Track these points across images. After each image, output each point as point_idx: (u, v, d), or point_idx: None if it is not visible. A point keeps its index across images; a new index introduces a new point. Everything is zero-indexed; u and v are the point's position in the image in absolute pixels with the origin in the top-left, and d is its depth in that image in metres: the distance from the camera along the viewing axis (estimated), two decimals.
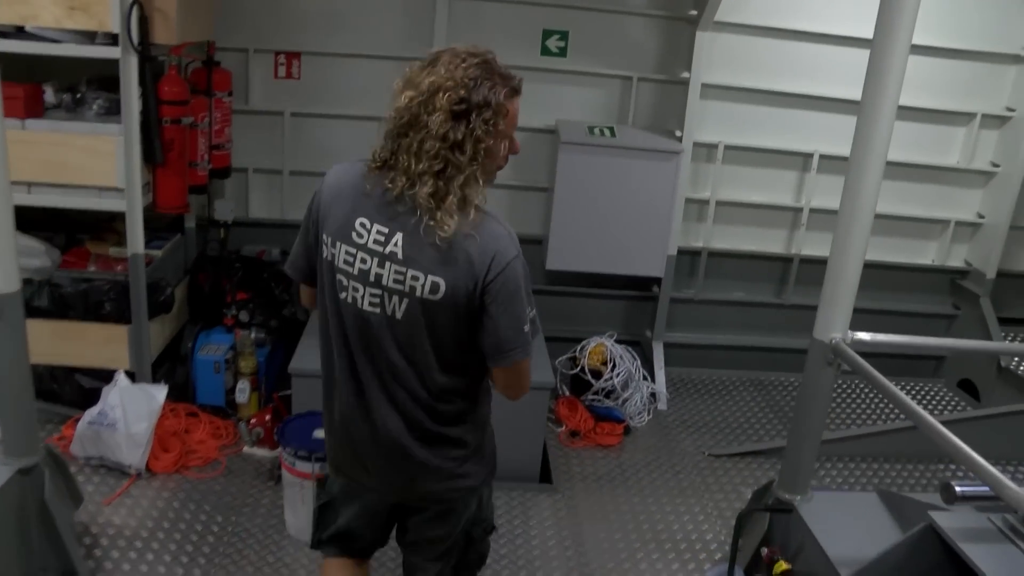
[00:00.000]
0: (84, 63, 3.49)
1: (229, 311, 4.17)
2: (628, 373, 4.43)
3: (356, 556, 2.36)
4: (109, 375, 3.73)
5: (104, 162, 3.50)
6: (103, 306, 3.80)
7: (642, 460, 4.12)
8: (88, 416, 3.59)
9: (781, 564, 2.70)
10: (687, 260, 4.98)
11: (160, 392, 3.68)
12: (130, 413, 3.56)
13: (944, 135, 4.93)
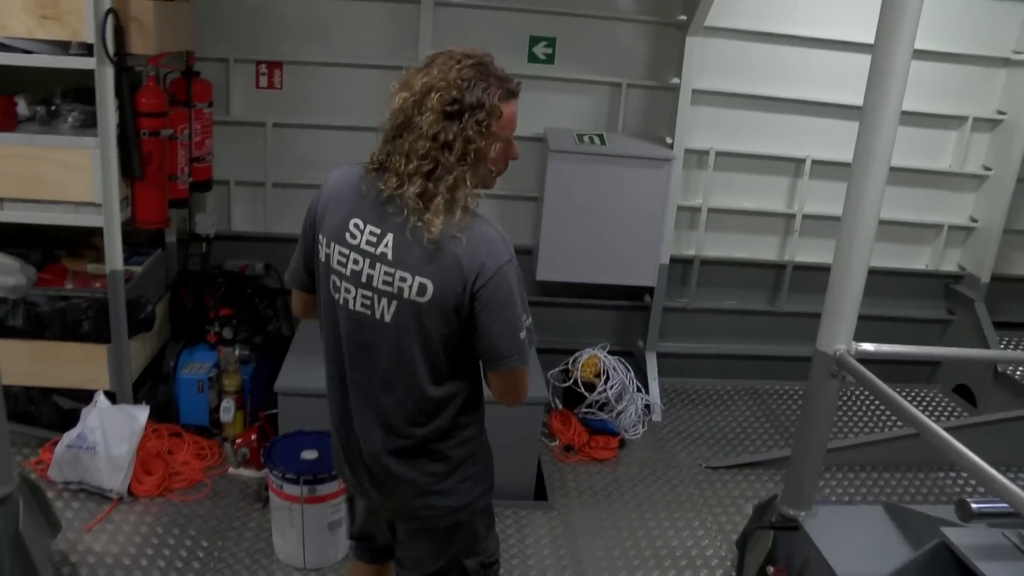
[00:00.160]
0: (58, 74, 3.38)
1: (212, 328, 4.05)
2: (622, 385, 4.34)
3: (376, 558, 2.35)
4: (88, 396, 3.61)
5: (80, 176, 3.38)
6: (81, 325, 3.67)
7: (638, 474, 4.03)
8: (66, 439, 3.47)
9: None
10: (679, 268, 4.91)
11: (142, 413, 3.56)
12: (110, 435, 3.44)
13: (936, 139, 4.89)
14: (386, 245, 1.82)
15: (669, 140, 4.54)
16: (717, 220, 4.88)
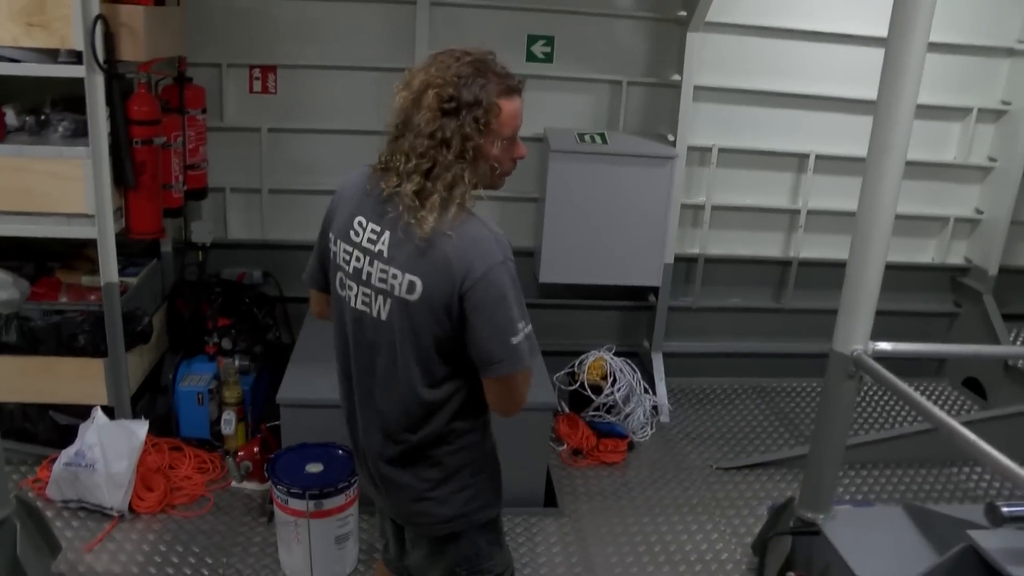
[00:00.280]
0: (47, 83, 3.31)
1: (211, 339, 3.98)
2: (629, 387, 4.27)
3: (392, 561, 2.31)
4: (86, 411, 3.53)
5: (72, 187, 3.30)
6: (77, 339, 3.60)
7: (648, 477, 3.96)
8: (64, 457, 3.40)
9: None
10: (683, 267, 4.83)
11: (141, 428, 3.48)
12: (109, 452, 3.36)
13: (940, 131, 4.83)
14: (383, 242, 1.82)
15: (671, 137, 4.48)
16: (720, 217, 4.81)
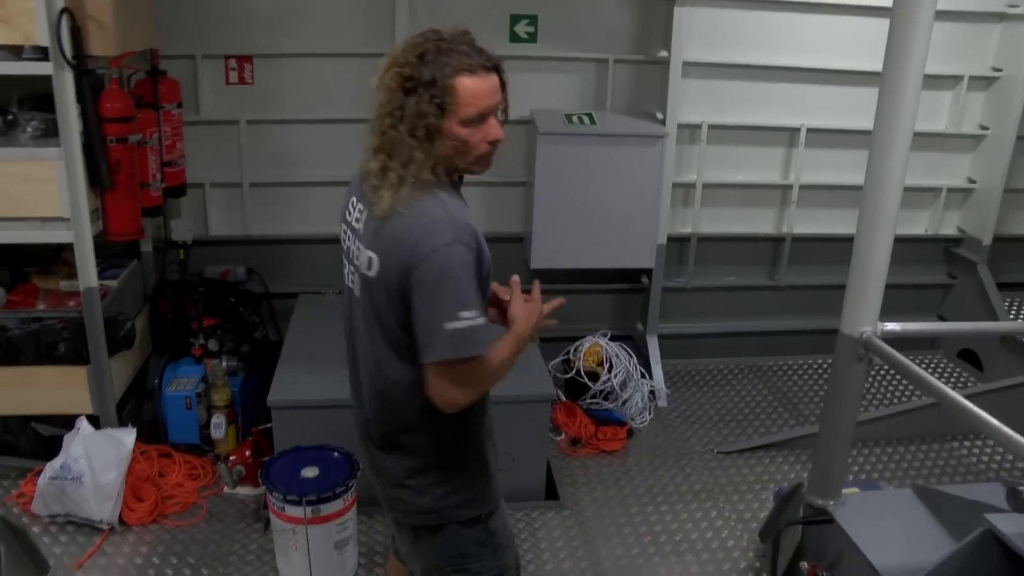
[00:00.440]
0: (13, 81, 3.15)
1: (196, 340, 3.85)
2: (626, 372, 4.20)
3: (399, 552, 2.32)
4: (70, 421, 3.41)
5: (44, 190, 3.17)
6: (57, 347, 3.47)
7: (649, 464, 3.90)
8: (49, 470, 3.28)
9: None
10: (675, 247, 4.76)
11: (128, 437, 3.38)
12: (96, 463, 3.25)
13: (931, 100, 4.74)
14: (361, 220, 1.87)
15: (660, 116, 4.38)
16: (712, 195, 4.73)
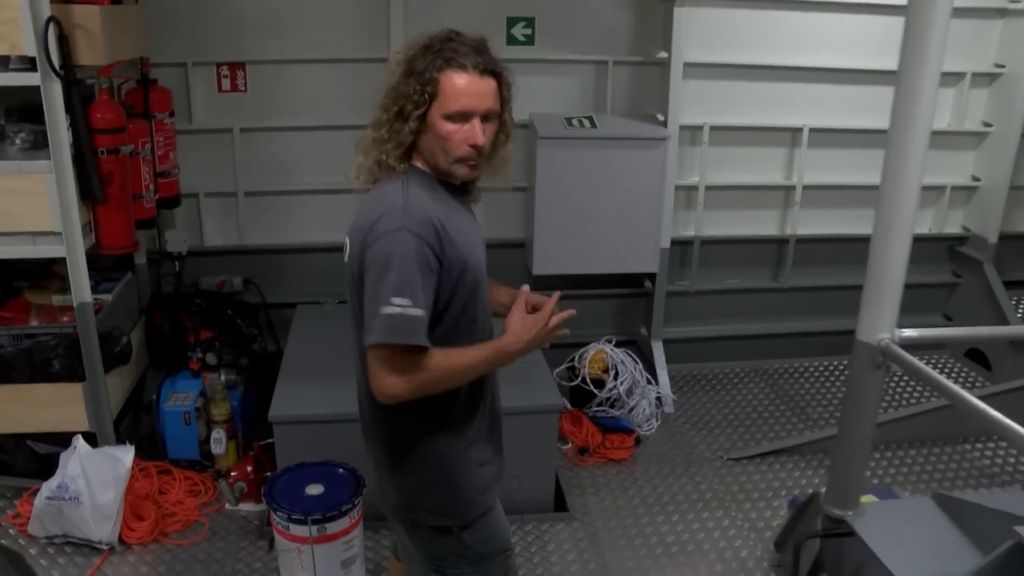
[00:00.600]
0: (1, 92, 3.06)
1: (194, 354, 3.77)
2: (632, 379, 4.13)
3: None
4: (66, 439, 3.32)
5: (35, 204, 3.08)
6: (51, 364, 3.38)
7: (658, 473, 3.83)
8: (46, 490, 3.19)
9: None
10: (678, 250, 4.69)
11: (127, 454, 3.29)
12: (94, 483, 3.17)
13: None
14: None
15: (661, 117, 4.32)
16: (714, 197, 4.67)
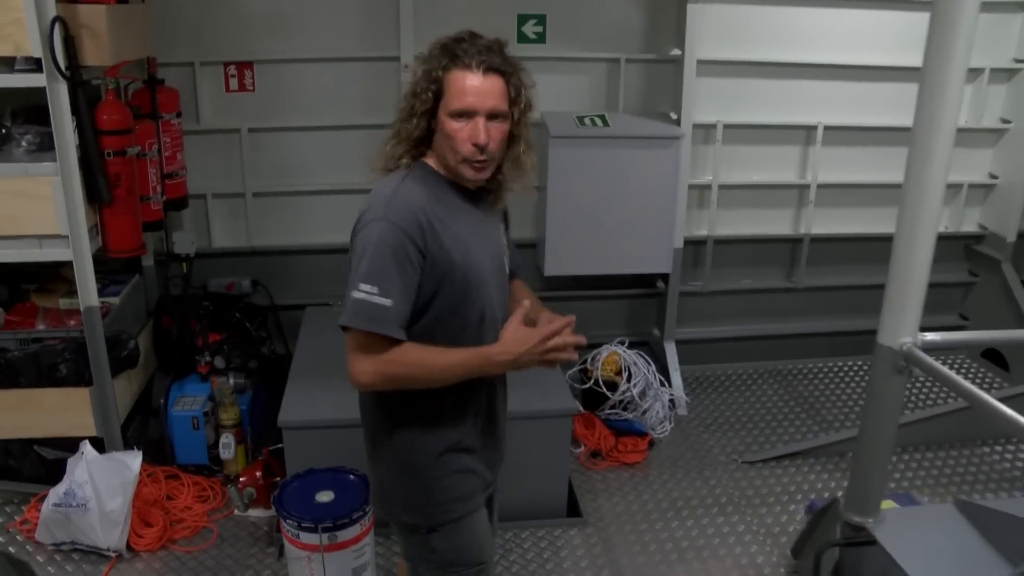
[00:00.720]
0: (6, 93, 3.02)
1: (202, 357, 3.73)
2: (645, 381, 4.07)
3: None
4: (73, 443, 3.29)
5: (41, 207, 3.04)
6: (58, 369, 3.35)
7: (672, 477, 3.78)
8: (53, 497, 3.16)
9: None
10: (690, 250, 4.63)
11: (134, 460, 3.26)
12: (102, 489, 3.13)
13: None
14: None
15: (674, 116, 4.26)
16: (727, 196, 4.60)
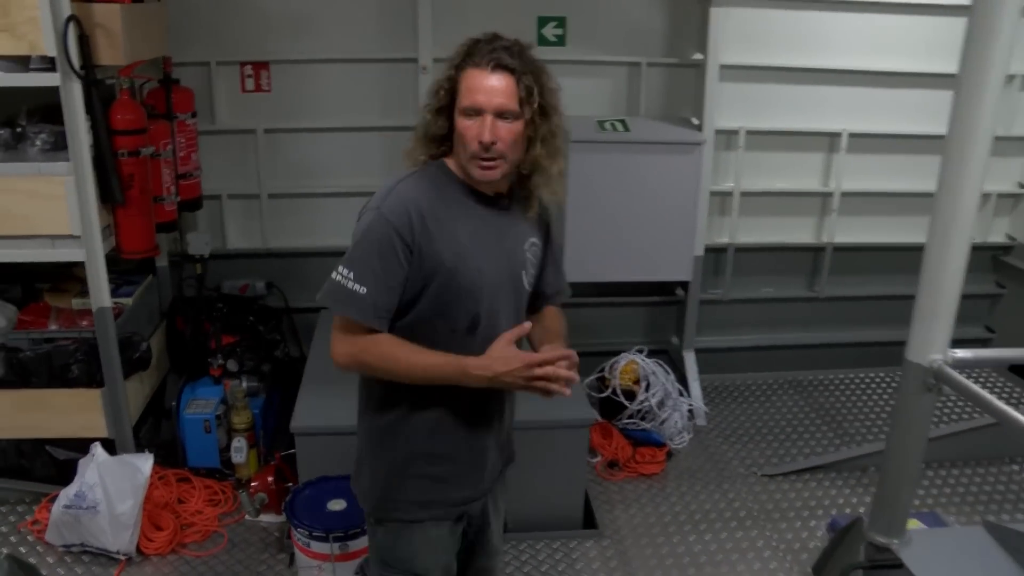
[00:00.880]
0: (21, 92, 3.00)
1: (215, 360, 3.69)
2: (664, 391, 4.00)
3: None
4: (85, 444, 3.26)
5: (54, 207, 3.01)
6: (70, 369, 3.32)
7: (690, 490, 3.70)
8: (63, 498, 3.13)
9: None
10: (711, 258, 4.55)
11: (146, 463, 3.22)
12: (112, 492, 3.10)
13: None
14: None
15: (695, 121, 4.18)
16: (749, 203, 4.52)
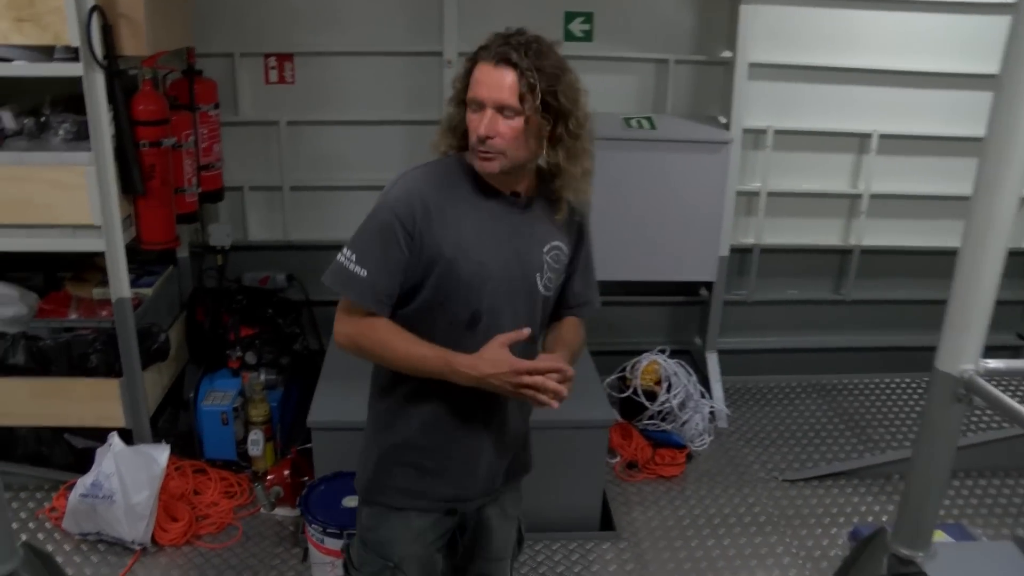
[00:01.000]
0: (45, 81, 3.01)
1: (234, 352, 3.69)
2: (685, 392, 3.94)
3: None
4: (103, 433, 3.27)
5: (75, 197, 3.02)
6: (89, 359, 3.33)
7: (709, 493, 3.64)
8: (80, 487, 3.14)
9: None
10: (735, 258, 4.47)
11: (162, 454, 3.22)
12: (128, 482, 3.10)
13: None
14: None
15: (723, 120, 4.11)
16: (776, 204, 4.43)
